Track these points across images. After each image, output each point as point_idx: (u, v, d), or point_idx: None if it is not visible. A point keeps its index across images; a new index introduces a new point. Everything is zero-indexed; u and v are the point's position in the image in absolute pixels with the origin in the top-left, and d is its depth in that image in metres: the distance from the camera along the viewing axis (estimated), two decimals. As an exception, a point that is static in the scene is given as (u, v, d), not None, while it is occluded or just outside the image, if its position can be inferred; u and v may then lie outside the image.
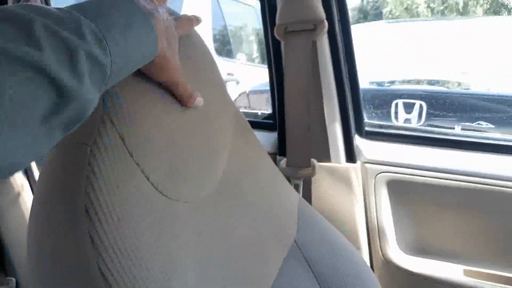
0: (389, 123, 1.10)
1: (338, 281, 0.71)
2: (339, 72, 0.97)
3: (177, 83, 0.50)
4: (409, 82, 1.92)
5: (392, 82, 1.94)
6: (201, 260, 0.56)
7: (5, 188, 1.42)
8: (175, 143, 0.55)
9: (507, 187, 0.93)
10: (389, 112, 1.59)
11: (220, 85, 0.68)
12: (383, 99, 1.68)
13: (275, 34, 0.94)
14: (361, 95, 1.03)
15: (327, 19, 0.90)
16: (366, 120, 1.08)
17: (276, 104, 1.07)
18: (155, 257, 0.48)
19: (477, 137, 1.04)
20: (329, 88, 0.98)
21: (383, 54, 2.13)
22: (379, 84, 1.95)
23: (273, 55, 1.02)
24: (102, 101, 0.48)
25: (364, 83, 1.94)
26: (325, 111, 1.00)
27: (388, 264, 1.06)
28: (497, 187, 0.94)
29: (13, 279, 1.43)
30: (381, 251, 1.07)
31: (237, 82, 3.10)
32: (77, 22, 0.34)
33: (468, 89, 1.81)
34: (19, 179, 1.44)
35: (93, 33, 0.35)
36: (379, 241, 1.07)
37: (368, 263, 1.10)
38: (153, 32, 0.42)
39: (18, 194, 1.45)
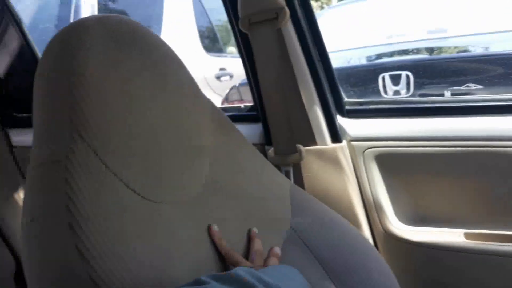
0: (369, 99, 1.10)
1: (340, 260, 0.72)
2: (309, 56, 0.98)
3: None
4: (397, 53, 1.91)
5: (380, 56, 1.93)
6: (197, 256, 0.58)
7: (14, 210, 1.47)
8: (152, 149, 0.57)
9: (497, 146, 0.93)
10: (377, 87, 1.59)
11: (191, 85, 0.69)
12: (371, 74, 1.68)
13: (240, 27, 0.94)
14: (336, 74, 1.03)
15: (288, 5, 0.90)
16: (345, 99, 1.08)
17: (256, 95, 1.08)
18: (146, 259, 0.49)
19: (458, 101, 1.03)
20: (302, 73, 0.99)
21: (370, 29, 2.11)
22: (368, 59, 1.95)
23: (243, 47, 1.03)
24: (69, 119, 0.50)
25: (357, 60, 1.95)
26: (303, 96, 1.00)
27: (390, 237, 1.07)
28: (487, 148, 0.94)
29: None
30: (381, 225, 1.07)
31: (231, 76, 3.10)
32: None
33: (466, 51, 1.79)
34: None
35: None
36: (378, 216, 1.07)
37: (370, 239, 1.11)
38: None
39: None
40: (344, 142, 1.04)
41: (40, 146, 0.52)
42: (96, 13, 2.26)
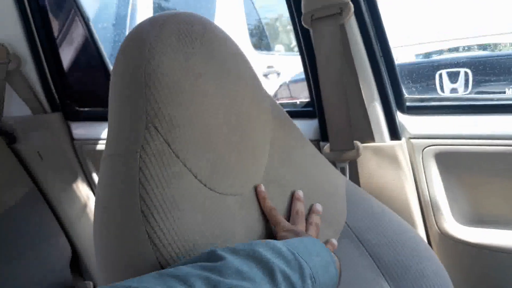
0: (430, 96, 1.08)
1: (394, 259, 0.71)
2: (371, 51, 0.97)
3: None
4: (455, 50, 1.85)
5: (436, 53, 1.88)
6: None
7: (73, 200, 1.52)
8: (217, 142, 0.59)
9: None
10: (433, 84, 1.55)
11: (254, 81, 0.70)
12: (427, 71, 1.64)
13: (303, 23, 0.95)
14: (398, 70, 1.01)
15: (352, 0, 0.90)
16: (406, 95, 1.06)
17: (313, 91, 1.08)
18: (210, 247, 0.51)
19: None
20: (363, 69, 0.98)
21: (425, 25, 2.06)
22: (424, 56, 1.90)
23: (303, 43, 1.03)
24: (144, 111, 0.53)
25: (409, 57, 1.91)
26: (363, 92, 0.99)
27: (446, 238, 1.04)
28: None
29: (91, 282, 1.54)
30: (437, 225, 1.05)
31: (278, 74, 3.10)
32: (300, 267, 0.46)
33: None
34: (84, 191, 1.54)
35: (310, 277, 0.46)
36: (434, 215, 1.05)
37: (425, 238, 1.09)
38: (337, 275, 0.54)
39: (85, 205, 1.55)
40: (403, 140, 1.03)
41: (116, 136, 0.54)
42: (151, 12, 2.33)
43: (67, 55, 1.49)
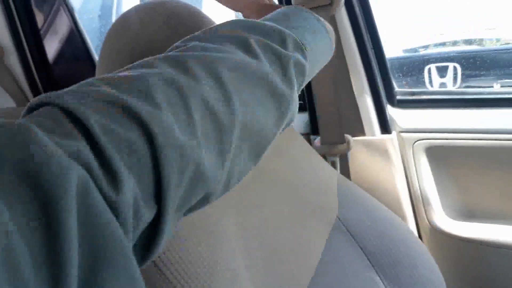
0: (421, 89, 1.07)
1: (385, 252, 0.71)
2: (362, 43, 0.96)
3: None
4: (441, 45, 1.86)
5: (425, 47, 1.88)
6: (246, 241, 0.58)
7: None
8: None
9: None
10: (422, 79, 1.55)
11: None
12: (415, 66, 1.64)
13: (293, 14, 0.93)
14: (388, 64, 1.01)
15: (343, -9, 0.88)
16: (396, 89, 1.05)
17: (304, 84, 1.07)
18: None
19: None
20: (354, 61, 0.97)
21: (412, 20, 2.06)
22: (412, 51, 1.90)
23: (294, 35, 1.02)
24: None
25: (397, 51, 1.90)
26: (353, 85, 0.99)
27: (436, 232, 1.04)
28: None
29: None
30: (427, 219, 1.05)
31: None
32: (281, 34, 0.38)
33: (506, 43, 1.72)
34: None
35: (294, 43, 0.39)
36: (424, 209, 1.05)
37: (415, 232, 1.09)
38: (328, 34, 0.47)
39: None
40: (394, 133, 1.02)
41: None
42: (138, 1, 2.29)
43: (51, 47, 1.45)
